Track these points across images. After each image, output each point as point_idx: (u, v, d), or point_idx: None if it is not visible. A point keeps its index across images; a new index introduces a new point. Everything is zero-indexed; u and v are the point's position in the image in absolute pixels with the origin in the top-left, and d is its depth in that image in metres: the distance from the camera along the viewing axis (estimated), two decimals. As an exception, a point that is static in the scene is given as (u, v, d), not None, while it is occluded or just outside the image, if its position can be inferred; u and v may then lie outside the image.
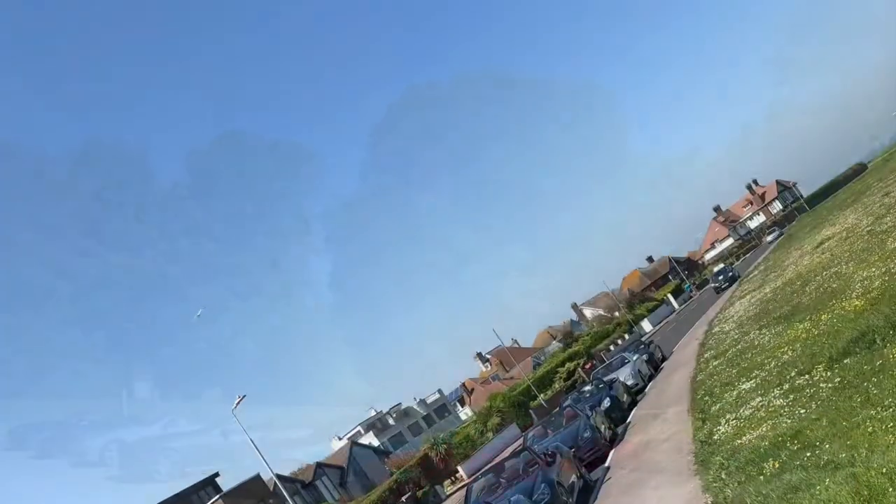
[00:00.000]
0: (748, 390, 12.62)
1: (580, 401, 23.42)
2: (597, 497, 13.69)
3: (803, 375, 11.03)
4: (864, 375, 9.13)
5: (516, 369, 77.31)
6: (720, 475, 9.02)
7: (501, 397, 48.42)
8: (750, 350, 16.81)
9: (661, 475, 11.60)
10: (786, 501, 6.83)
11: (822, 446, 7.60)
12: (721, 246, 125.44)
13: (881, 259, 16.93)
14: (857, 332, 11.34)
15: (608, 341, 60.08)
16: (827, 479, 6.65)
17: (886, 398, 7.78)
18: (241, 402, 25.13)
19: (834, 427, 7.93)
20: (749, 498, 7.48)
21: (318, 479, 60.14)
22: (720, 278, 58.17)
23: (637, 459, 14.32)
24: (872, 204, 35.75)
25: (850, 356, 10.49)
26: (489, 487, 15.16)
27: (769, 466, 8.05)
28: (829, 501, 6.15)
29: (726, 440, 10.45)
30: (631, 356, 29.78)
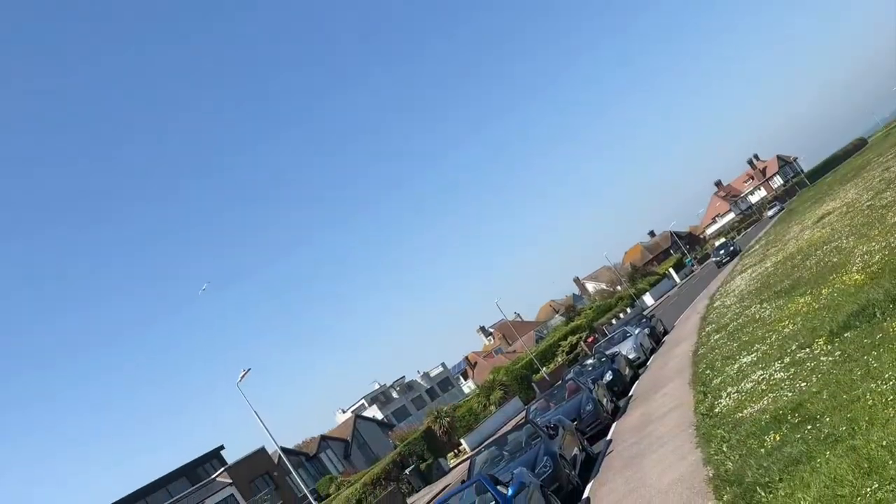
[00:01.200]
0: (749, 364, 12.68)
1: (582, 374, 23.61)
2: (599, 470, 13.82)
3: (804, 349, 11.09)
4: (865, 349, 9.18)
5: (519, 343, 77.76)
6: (721, 448, 9.11)
7: (504, 371, 48.67)
8: (751, 324, 16.87)
9: (663, 448, 11.72)
10: (786, 474, 6.90)
11: (823, 419, 7.67)
12: (722, 220, 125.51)
13: (881, 233, 16.95)
14: (858, 305, 11.39)
15: (610, 315, 60.31)
16: (827, 451, 6.73)
17: (886, 371, 7.84)
18: (246, 375, 25.30)
19: (834, 400, 7.99)
20: (750, 471, 7.56)
21: (322, 451, 60.72)
22: (721, 253, 58.34)
23: (639, 433, 14.45)
24: (872, 179, 35.67)
25: (850, 330, 10.54)
26: (492, 460, 15.31)
27: (770, 439, 8.13)
28: (830, 474, 6.21)
29: (727, 413, 10.53)
30: (633, 330, 29.94)
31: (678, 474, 9.73)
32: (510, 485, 10.82)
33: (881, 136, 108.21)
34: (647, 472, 11.00)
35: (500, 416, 41.13)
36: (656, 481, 10.14)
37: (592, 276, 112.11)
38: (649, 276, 77.78)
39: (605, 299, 72.73)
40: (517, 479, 11.07)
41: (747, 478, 7.44)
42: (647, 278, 76.44)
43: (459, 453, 37.98)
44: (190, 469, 47.86)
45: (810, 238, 26.58)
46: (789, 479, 6.75)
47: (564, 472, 13.22)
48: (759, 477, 7.26)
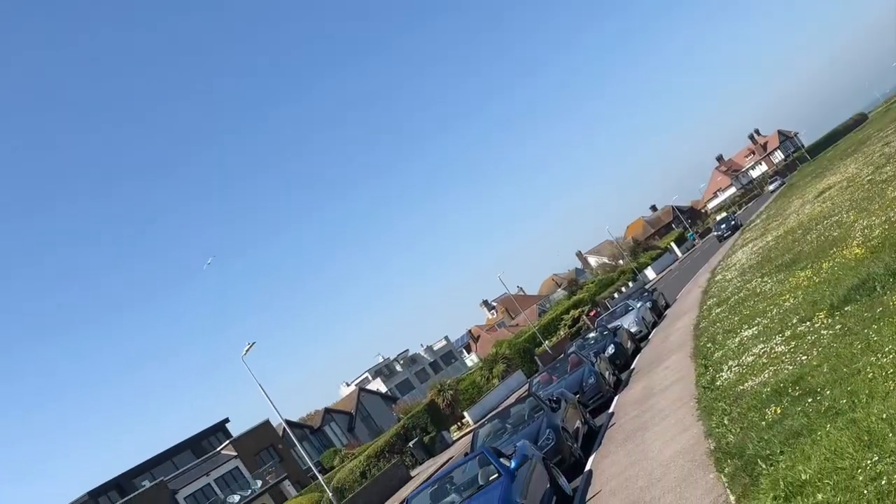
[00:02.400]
0: (750, 337, 12.75)
1: (585, 348, 23.74)
2: (601, 442, 14.00)
3: (804, 323, 11.15)
4: (865, 322, 9.24)
5: (522, 316, 77.86)
6: (723, 421, 9.20)
7: (507, 344, 48.87)
8: (752, 297, 16.94)
9: (665, 421, 11.84)
10: (787, 447, 6.98)
11: (823, 392, 7.74)
12: (723, 195, 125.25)
13: (881, 208, 16.97)
14: (858, 279, 11.45)
15: (612, 289, 60.42)
16: (828, 424, 6.80)
17: (886, 345, 7.90)
18: (251, 349, 25.47)
19: (835, 373, 8.06)
20: (751, 443, 7.64)
21: (326, 424, 61.20)
22: (723, 227, 58.30)
23: (641, 406, 14.59)
24: (873, 153, 35.60)
25: (850, 303, 10.60)
26: (495, 433, 15.43)
27: (771, 412, 8.20)
28: (830, 447, 6.28)
29: (728, 386, 10.62)
30: (635, 304, 30.06)
31: (680, 447, 9.86)
32: (513, 457, 10.88)
33: (881, 112, 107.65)
34: (648, 445, 11.14)
35: (502, 389, 41.41)
36: (658, 454, 10.28)
37: (595, 251, 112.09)
38: (651, 251, 77.85)
39: (608, 273, 72.81)
40: (520, 452, 11.14)
41: (748, 450, 7.51)
42: (648, 252, 76.48)
43: (462, 426, 38.28)
44: (195, 442, 48.18)
45: (811, 212, 26.58)
46: (790, 451, 6.83)
47: (567, 445, 13.35)
48: (760, 449, 7.33)
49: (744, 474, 7.18)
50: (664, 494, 8.46)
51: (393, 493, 28.05)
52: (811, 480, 6.00)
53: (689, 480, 8.42)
